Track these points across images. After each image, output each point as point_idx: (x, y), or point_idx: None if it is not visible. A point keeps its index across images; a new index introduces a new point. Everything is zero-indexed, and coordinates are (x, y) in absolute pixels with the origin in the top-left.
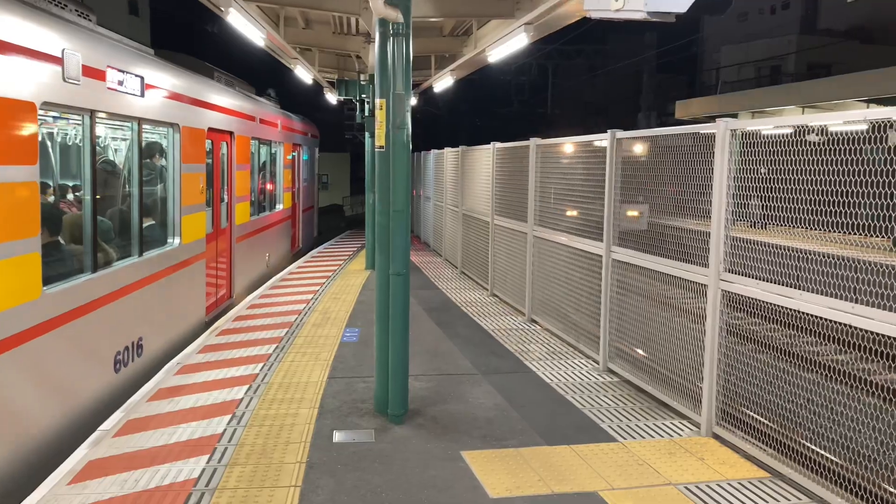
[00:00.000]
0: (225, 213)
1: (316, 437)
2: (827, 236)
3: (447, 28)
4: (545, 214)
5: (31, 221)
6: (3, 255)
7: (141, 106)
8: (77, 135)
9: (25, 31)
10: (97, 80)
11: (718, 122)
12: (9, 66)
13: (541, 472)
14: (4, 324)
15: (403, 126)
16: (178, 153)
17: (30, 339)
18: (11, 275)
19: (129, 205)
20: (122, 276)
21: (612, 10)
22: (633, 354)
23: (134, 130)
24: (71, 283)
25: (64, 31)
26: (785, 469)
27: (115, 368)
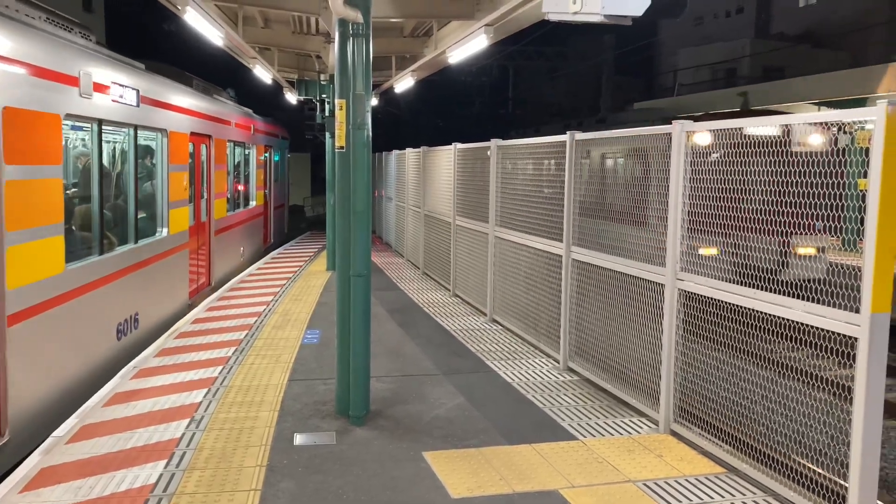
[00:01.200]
0: (204, 209)
1: (276, 440)
2: None
3: (408, 29)
4: (506, 215)
5: (58, 210)
6: (39, 237)
7: (136, 114)
8: (87, 139)
9: (54, 58)
10: (104, 94)
11: (675, 124)
12: (42, 87)
13: (502, 471)
14: (40, 291)
15: (364, 126)
16: (166, 155)
17: (56, 305)
18: (44, 252)
19: (126, 199)
20: (121, 259)
21: (570, 13)
22: (593, 353)
23: (130, 136)
24: (84, 263)
25: (79, 54)
26: (740, 464)
27: (117, 337)
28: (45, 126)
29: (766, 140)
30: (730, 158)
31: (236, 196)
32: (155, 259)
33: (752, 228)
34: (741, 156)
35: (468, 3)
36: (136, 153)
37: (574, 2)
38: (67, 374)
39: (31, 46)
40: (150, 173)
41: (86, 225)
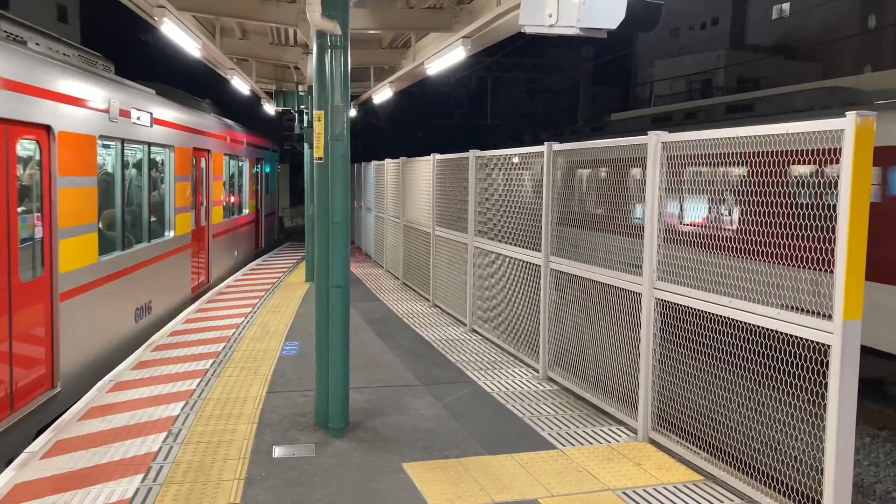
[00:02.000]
0: (204, 215)
1: (255, 452)
2: None
3: (386, 40)
4: (485, 225)
5: (93, 212)
6: (80, 233)
7: (150, 134)
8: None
9: (92, 92)
10: (126, 118)
11: (650, 135)
12: (84, 115)
13: (482, 481)
14: (80, 276)
15: (342, 138)
16: (172, 167)
17: (91, 289)
18: (83, 246)
19: (140, 205)
20: (138, 255)
21: (547, 26)
22: (573, 362)
23: (145, 152)
24: (111, 256)
25: (107, 85)
26: (718, 471)
27: (135, 319)
28: (86, 145)
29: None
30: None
31: (231, 204)
32: (164, 256)
33: None
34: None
35: (446, 15)
36: (149, 166)
37: (550, 15)
38: (97, 346)
39: (76, 83)
40: (160, 183)
41: (111, 225)
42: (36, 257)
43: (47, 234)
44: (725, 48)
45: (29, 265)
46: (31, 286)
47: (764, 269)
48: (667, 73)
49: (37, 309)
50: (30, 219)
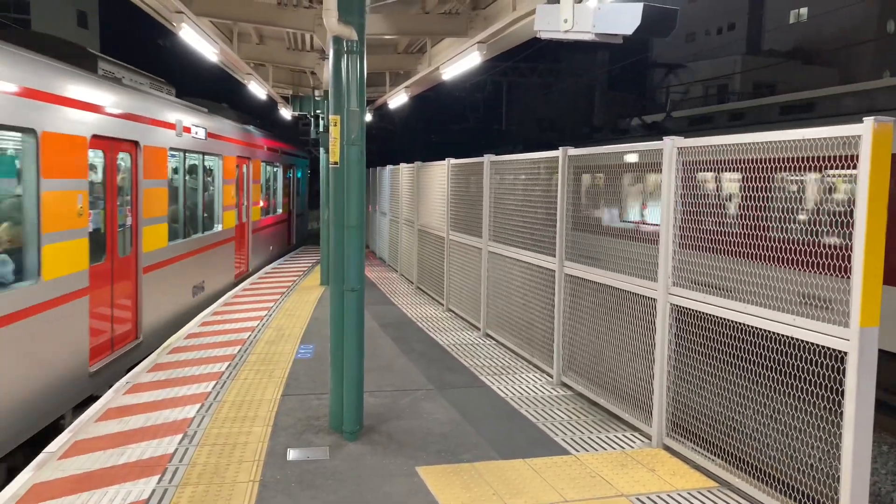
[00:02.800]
0: (245, 214)
1: (270, 455)
2: None
3: (401, 45)
4: (499, 230)
5: (165, 207)
6: (156, 223)
7: (204, 145)
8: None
9: (165, 113)
10: (187, 133)
11: (666, 140)
12: (160, 132)
13: (495, 486)
14: (156, 255)
15: (358, 142)
16: (221, 173)
17: (162, 267)
18: (158, 232)
19: (196, 202)
20: (195, 242)
21: (562, 31)
22: (587, 368)
23: (200, 160)
24: (176, 242)
25: (174, 107)
26: (732, 478)
27: (192, 294)
28: (161, 156)
29: None
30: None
31: (267, 205)
32: (214, 246)
33: None
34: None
35: (461, 20)
36: (203, 172)
37: (565, 20)
38: (166, 312)
39: (154, 107)
40: (211, 185)
41: (175, 218)
42: (127, 239)
43: (134, 223)
44: (742, 53)
45: (122, 245)
46: (124, 260)
47: (781, 275)
48: (682, 78)
49: (128, 277)
50: (124, 210)
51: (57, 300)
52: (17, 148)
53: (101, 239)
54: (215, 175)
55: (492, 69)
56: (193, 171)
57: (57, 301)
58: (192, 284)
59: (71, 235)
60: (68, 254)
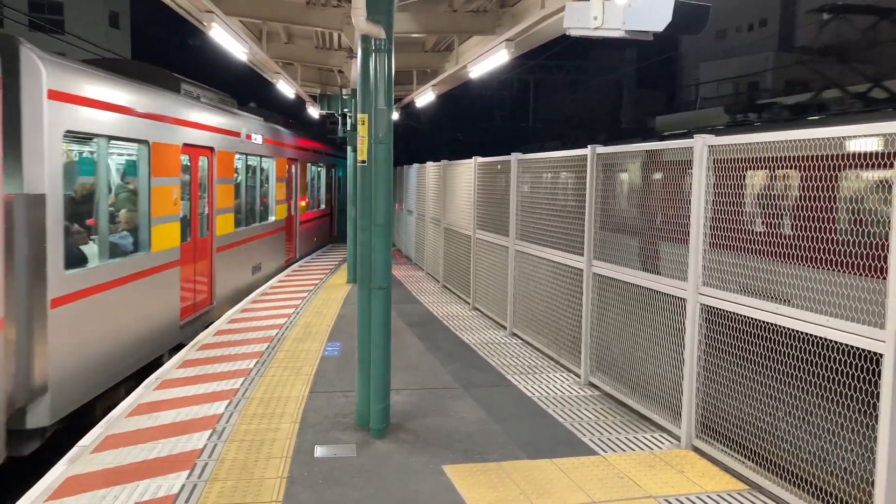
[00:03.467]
0: (293, 207)
1: (297, 451)
2: None
3: (429, 44)
4: (526, 228)
5: (232, 200)
6: (225, 213)
7: (261, 149)
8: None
9: (235, 125)
10: (248, 140)
11: (696, 138)
12: (231, 140)
13: (522, 485)
14: (225, 239)
15: (385, 141)
16: (274, 172)
17: (230, 248)
18: (227, 220)
19: (254, 197)
20: (254, 230)
21: (592, 28)
22: (615, 368)
23: (258, 162)
24: (240, 228)
25: (239, 119)
26: (763, 481)
27: (251, 273)
28: (230, 159)
29: None
30: None
31: (312, 201)
32: (268, 234)
33: None
34: None
35: (489, 18)
36: (260, 172)
37: (595, 17)
38: (233, 284)
39: (224, 119)
40: (265, 183)
41: (239, 209)
42: (204, 224)
43: (210, 212)
44: (774, 50)
45: (202, 229)
46: (203, 241)
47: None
48: (713, 75)
49: (206, 255)
50: (203, 202)
51: (160, 267)
52: (137, 156)
53: (187, 223)
54: (270, 174)
55: (519, 67)
56: (253, 171)
57: (160, 268)
58: (252, 265)
59: (169, 220)
60: (168, 233)
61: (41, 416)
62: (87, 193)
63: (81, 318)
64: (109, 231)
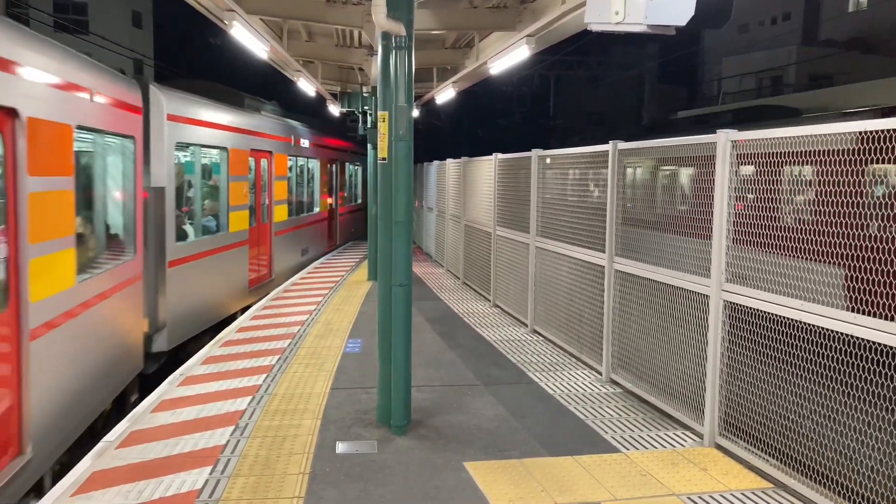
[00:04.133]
0: (334, 201)
1: (319, 448)
2: None
3: (449, 40)
4: (547, 225)
5: (286, 194)
6: (282, 204)
7: (308, 152)
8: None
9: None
10: (298, 144)
11: (719, 133)
12: (285, 144)
13: (544, 482)
14: (281, 225)
15: (406, 138)
16: (318, 171)
17: (285, 233)
18: (283, 210)
19: (302, 192)
20: (302, 219)
21: (613, 23)
22: (637, 365)
23: (305, 162)
24: (293, 217)
25: (289, 126)
26: (788, 479)
27: (300, 255)
28: (284, 161)
29: None
30: None
31: (349, 196)
32: (313, 223)
33: None
34: None
35: (509, 14)
36: (307, 170)
37: (616, 12)
38: (286, 263)
39: (278, 127)
40: (311, 180)
41: (291, 202)
42: (265, 213)
43: (270, 203)
44: (797, 44)
45: (263, 216)
46: (264, 226)
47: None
48: (736, 70)
49: (266, 239)
50: (265, 195)
51: (235, 244)
52: (219, 159)
53: (253, 212)
54: (315, 173)
55: (539, 63)
56: (301, 170)
57: (235, 245)
58: (301, 248)
59: (242, 208)
60: (240, 219)
61: (161, 343)
62: (188, 187)
63: (185, 278)
64: (202, 215)
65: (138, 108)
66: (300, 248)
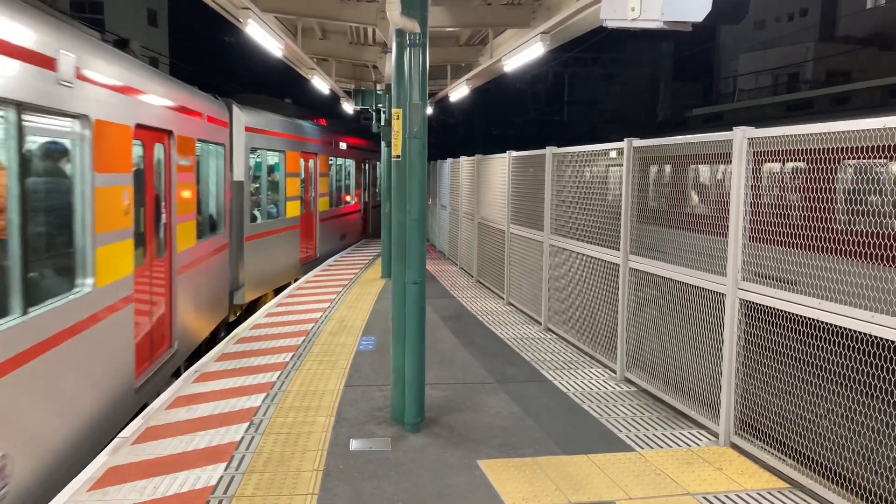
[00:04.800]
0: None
1: (333, 445)
2: None
3: (463, 38)
4: (561, 223)
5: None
6: (324, 196)
7: (345, 153)
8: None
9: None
10: (338, 146)
11: (736, 131)
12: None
13: (557, 481)
14: (324, 214)
15: (420, 135)
16: (354, 170)
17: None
18: (325, 202)
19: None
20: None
21: (629, 20)
22: (652, 363)
23: (343, 163)
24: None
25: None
26: (805, 480)
27: (339, 239)
28: (326, 160)
29: None
30: None
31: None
32: (349, 214)
33: None
34: None
35: (524, 11)
36: (345, 169)
37: (633, 8)
38: (327, 247)
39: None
40: (348, 177)
41: (331, 195)
42: (310, 204)
43: (316, 196)
44: (815, 40)
45: (310, 206)
46: (311, 214)
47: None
48: (752, 66)
49: (311, 225)
50: (312, 189)
51: (290, 227)
52: (278, 161)
53: (302, 202)
54: (351, 172)
55: (553, 60)
56: (340, 169)
57: (290, 228)
58: (339, 234)
59: (295, 199)
60: (294, 207)
61: (240, 298)
62: (258, 181)
63: (255, 250)
64: (266, 203)
65: (226, 122)
66: (339, 234)
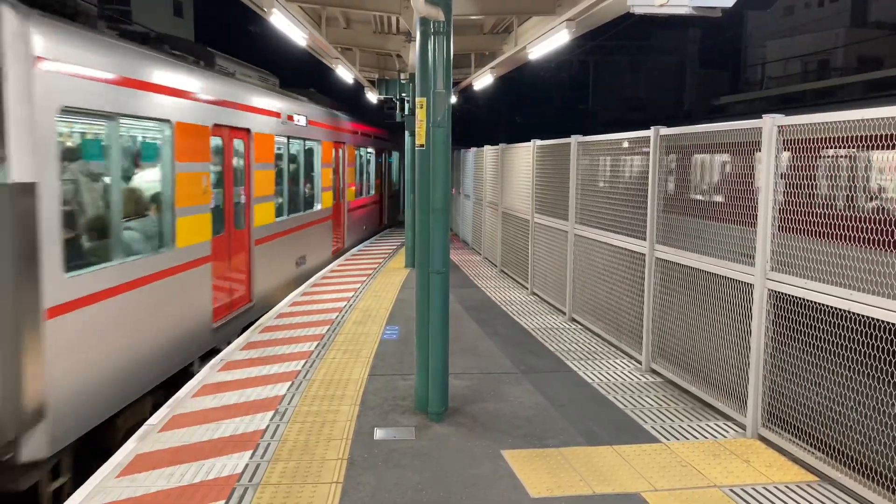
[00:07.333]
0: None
1: (357, 433)
2: None
3: (487, 26)
4: (586, 212)
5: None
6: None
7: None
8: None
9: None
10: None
11: (765, 118)
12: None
13: (582, 472)
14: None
15: (444, 124)
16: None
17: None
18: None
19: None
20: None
21: (657, 5)
22: (677, 354)
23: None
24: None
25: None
26: (834, 473)
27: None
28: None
29: None
30: None
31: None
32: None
33: None
34: None
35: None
36: (367, 160)
37: None
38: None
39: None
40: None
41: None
42: (339, 193)
43: (344, 185)
44: (845, 26)
45: (340, 195)
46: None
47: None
48: (780, 54)
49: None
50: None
51: (323, 218)
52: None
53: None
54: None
55: (578, 48)
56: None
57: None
58: (363, 225)
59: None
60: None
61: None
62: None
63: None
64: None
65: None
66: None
